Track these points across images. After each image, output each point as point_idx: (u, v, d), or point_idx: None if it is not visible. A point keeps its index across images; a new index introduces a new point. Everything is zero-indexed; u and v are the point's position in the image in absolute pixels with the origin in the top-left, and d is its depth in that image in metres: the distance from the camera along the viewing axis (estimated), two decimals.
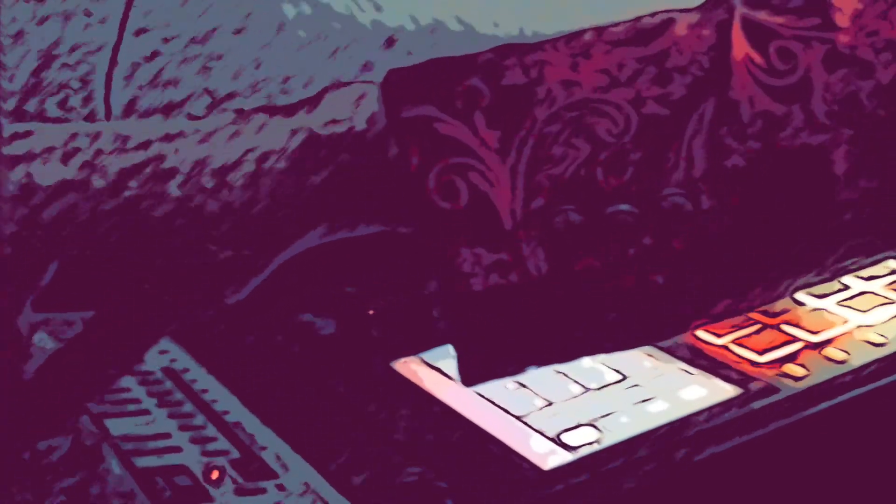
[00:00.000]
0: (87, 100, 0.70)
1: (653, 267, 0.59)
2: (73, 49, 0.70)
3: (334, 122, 0.62)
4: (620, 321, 0.60)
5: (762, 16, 0.59)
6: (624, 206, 0.59)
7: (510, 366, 0.61)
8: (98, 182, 0.62)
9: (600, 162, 0.59)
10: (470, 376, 0.61)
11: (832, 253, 0.61)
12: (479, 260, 0.59)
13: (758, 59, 0.59)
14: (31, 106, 0.71)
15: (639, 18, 0.60)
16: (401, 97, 0.59)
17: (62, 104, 0.71)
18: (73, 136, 0.64)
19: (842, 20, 0.59)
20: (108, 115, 0.69)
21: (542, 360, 0.62)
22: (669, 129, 0.59)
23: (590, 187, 0.59)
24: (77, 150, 0.63)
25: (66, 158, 0.62)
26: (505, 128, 0.59)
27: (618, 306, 0.59)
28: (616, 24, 0.60)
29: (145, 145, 0.63)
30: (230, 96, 0.70)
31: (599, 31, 0.60)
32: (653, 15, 0.60)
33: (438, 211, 0.59)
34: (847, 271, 0.62)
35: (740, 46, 0.59)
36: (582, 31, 0.60)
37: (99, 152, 0.63)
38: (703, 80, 0.59)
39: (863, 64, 0.59)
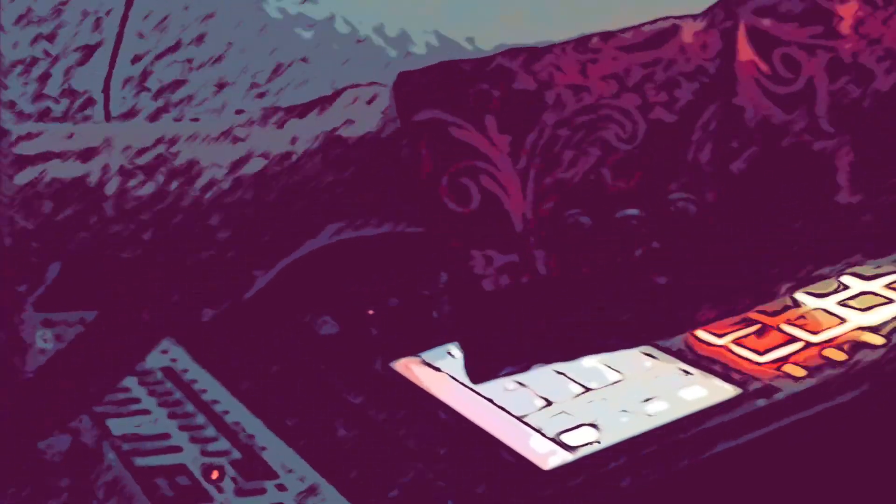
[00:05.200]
0: (89, 101, 0.70)
1: (657, 268, 0.60)
2: (74, 51, 0.70)
3: (348, 122, 0.63)
4: (623, 320, 0.61)
5: (767, 24, 0.60)
6: (632, 211, 0.59)
7: (517, 364, 0.62)
8: (103, 182, 0.62)
9: (609, 166, 0.60)
10: (477, 374, 0.62)
11: (833, 256, 0.62)
12: (490, 261, 0.60)
13: (762, 66, 0.60)
14: (35, 107, 0.71)
15: (645, 24, 0.61)
16: (413, 100, 0.60)
17: (64, 105, 0.71)
18: (76, 136, 0.64)
19: (844, 28, 0.60)
20: (107, 117, 0.69)
21: (548, 359, 0.62)
22: (676, 135, 0.60)
23: (599, 191, 0.60)
24: (79, 150, 0.63)
25: (69, 159, 0.63)
26: (516, 132, 0.60)
27: (621, 305, 0.60)
28: (624, 30, 0.61)
29: (152, 145, 0.63)
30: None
31: (607, 36, 0.61)
32: (657, 21, 0.61)
33: (450, 213, 0.59)
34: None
35: (745, 53, 0.60)
36: (590, 36, 0.61)
37: (103, 153, 0.63)
38: (708, 87, 0.60)
39: (865, 71, 0.60)
